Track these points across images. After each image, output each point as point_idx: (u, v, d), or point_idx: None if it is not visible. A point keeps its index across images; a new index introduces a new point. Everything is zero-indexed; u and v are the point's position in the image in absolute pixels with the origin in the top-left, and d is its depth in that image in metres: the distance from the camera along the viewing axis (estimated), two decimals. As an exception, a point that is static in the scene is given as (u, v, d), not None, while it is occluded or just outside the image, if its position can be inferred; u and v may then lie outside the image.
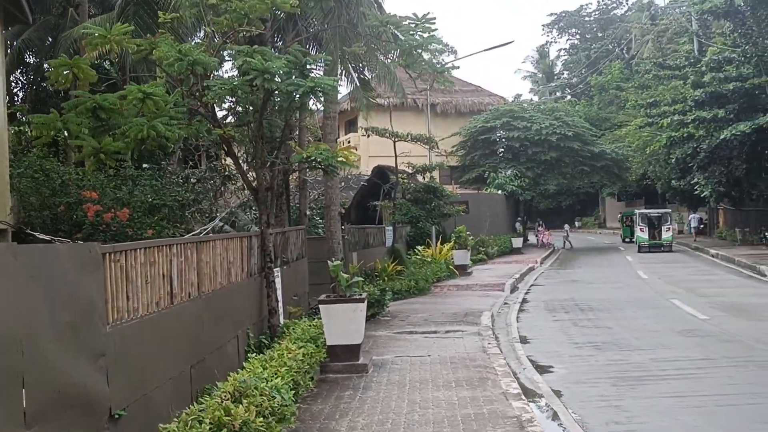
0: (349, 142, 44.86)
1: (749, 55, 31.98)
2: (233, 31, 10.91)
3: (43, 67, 19.26)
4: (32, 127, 9.89)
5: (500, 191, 42.09)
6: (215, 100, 10.38)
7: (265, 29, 12.88)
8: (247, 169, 12.11)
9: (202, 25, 13.94)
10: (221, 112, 11.68)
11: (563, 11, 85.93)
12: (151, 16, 15.08)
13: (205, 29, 12.17)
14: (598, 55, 73.52)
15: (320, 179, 21.97)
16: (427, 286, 21.24)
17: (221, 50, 11.26)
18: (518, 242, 39.59)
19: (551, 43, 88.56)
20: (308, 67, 10.30)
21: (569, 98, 73.39)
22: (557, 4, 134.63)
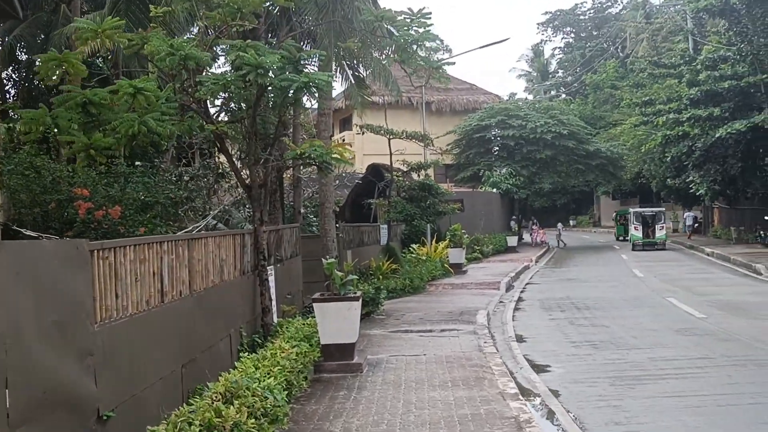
0: (343, 140, 44.75)
1: (744, 53, 31.96)
2: (226, 25, 10.78)
3: (34, 63, 19.06)
4: (21, 122, 9.72)
5: (495, 189, 42.03)
6: (208, 95, 10.25)
7: (258, 24, 12.74)
8: (240, 166, 12.00)
9: (194, 20, 13.80)
10: (214, 108, 11.56)
11: (558, 10, 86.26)
12: (143, 11, 14.88)
13: (198, 24, 12.03)
14: (592, 53, 73.67)
15: (314, 177, 21.85)
16: (422, 284, 21.09)
17: (214, 45, 11.13)
18: (513, 241, 39.48)
19: (546, 41, 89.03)
20: (302, 62, 10.18)
21: (564, 97, 73.51)
22: (552, 2, 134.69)
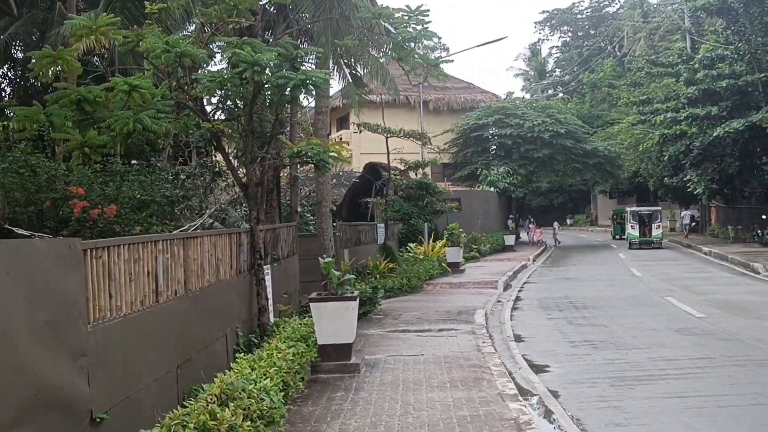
0: (341, 138, 44.61)
1: (742, 52, 31.95)
2: (222, 22, 10.68)
3: (30, 61, 18.93)
4: (15, 119, 9.61)
5: (492, 188, 41.96)
6: (204, 93, 10.15)
7: (255, 21, 12.64)
8: (237, 164, 11.89)
9: (191, 17, 13.71)
10: (211, 106, 11.45)
11: (555, 9, 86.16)
12: (138, 8, 14.77)
13: (194, 21, 11.93)
14: (590, 52, 73.62)
15: (311, 176, 21.76)
16: (419, 283, 20.99)
17: (210, 42, 11.02)
18: (510, 240, 39.46)
19: (543, 40, 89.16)
20: (299, 60, 10.08)
21: (561, 96, 73.44)
22: (550, 1, 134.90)
